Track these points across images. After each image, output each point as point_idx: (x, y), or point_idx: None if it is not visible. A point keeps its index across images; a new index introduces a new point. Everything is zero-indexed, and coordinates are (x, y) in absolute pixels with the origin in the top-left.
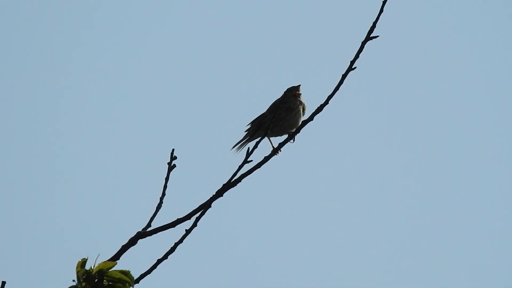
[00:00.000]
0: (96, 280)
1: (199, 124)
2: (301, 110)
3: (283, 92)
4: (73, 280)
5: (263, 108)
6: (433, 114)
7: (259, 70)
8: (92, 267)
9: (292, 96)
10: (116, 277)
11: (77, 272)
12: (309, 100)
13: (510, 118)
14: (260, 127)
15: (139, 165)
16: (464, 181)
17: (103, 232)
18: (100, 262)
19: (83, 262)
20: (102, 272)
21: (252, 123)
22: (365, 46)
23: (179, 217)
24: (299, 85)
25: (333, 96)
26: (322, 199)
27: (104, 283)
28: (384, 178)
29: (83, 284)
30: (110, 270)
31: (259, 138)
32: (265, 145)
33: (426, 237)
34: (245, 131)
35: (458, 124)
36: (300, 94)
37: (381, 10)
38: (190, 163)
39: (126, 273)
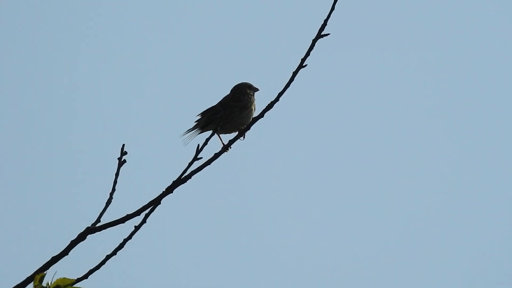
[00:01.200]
0: None
1: (150, 120)
2: (253, 108)
3: (232, 87)
4: None
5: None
6: (381, 111)
7: (209, 66)
8: (50, 283)
9: (246, 93)
10: None
11: (35, 287)
12: (259, 98)
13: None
14: (212, 122)
15: (89, 160)
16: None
17: (52, 227)
18: (58, 278)
19: (41, 277)
20: None
21: (203, 114)
22: (316, 44)
23: (128, 213)
24: (251, 84)
25: (283, 94)
26: (271, 195)
27: None
28: (333, 174)
29: None
30: (68, 287)
31: (209, 134)
32: (215, 142)
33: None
34: (195, 122)
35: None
36: (252, 91)
37: (333, 8)
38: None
39: None
